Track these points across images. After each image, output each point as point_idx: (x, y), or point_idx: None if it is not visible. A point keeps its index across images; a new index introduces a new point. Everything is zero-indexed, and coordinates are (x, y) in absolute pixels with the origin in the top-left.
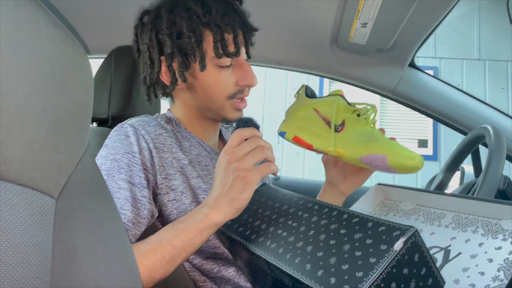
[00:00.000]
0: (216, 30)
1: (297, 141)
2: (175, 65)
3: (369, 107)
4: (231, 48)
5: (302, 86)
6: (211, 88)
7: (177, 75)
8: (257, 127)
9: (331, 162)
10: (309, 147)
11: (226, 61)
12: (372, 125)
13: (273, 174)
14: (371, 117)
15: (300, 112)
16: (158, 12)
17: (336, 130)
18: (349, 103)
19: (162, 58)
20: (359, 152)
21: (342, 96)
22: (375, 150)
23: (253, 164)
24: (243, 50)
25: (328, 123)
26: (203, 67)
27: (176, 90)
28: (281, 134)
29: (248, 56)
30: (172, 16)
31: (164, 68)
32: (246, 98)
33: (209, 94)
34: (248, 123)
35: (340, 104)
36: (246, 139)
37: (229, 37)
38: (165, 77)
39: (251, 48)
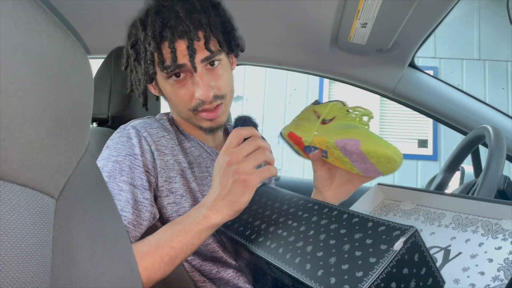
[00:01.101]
0: (152, 45)
1: (290, 136)
2: (141, 77)
3: (363, 110)
4: (168, 62)
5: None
6: (171, 100)
7: (149, 86)
8: (255, 125)
9: (319, 159)
10: (299, 141)
11: (171, 74)
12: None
13: (273, 176)
14: (363, 118)
15: (301, 115)
16: (132, 24)
17: (323, 123)
18: (344, 106)
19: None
20: (335, 137)
21: (342, 102)
22: (350, 135)
23: (253, 167)
24: (196, 60)
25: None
26: (148, 79)
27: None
28: (280, 134)
29: (194, 69)
30: (131, 30)
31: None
32: (221, 108)
33: (174, 105)
34: (247, 121)
35: (336, 104)
36: (245, 139)
37: (167, 50)
38: (151, 87)
39: (253, 48)
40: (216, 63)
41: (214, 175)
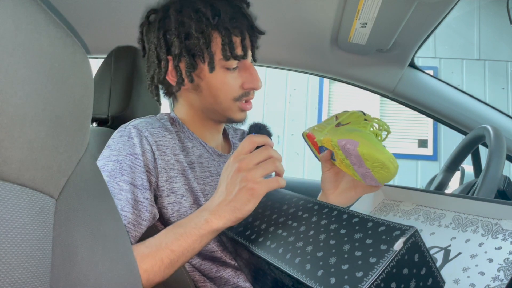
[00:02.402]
0: (225, 32)
1: (308, 136)
2: (182, 66)
3: (380, 122)
4: (239, 51)
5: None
6: (217, 89)
7: (184, 75)
8: (269, 134)
9: (327, 160)
10: (313, 141)
11: (233, 63)
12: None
13: (281, 187)
14: (378, 130)
15: (326, 119)
16: (166, 11)
17: (337, 126)
18: (365, 115)
19: (169, 58)
20: (339, 137)
21: (363, 112)
22: (352, 137)
23: (262, 176)
24: (249, 53)
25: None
26: (212, 68)
27: (181, 90)
28: (302, 134)
29: (254, 59)
30: (180, 17)
31: (170, 68)
32: (251, 100)
33: (215, 96)
34: (262, 129)
35: (356, 112)
36: (257, 146)
37: (236, 40)
38: (171, 77)
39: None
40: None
41: (222, 180)
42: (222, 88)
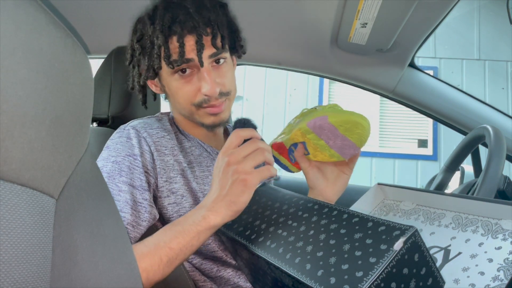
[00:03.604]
0: (160, 39)
1: (274, 148)
2: (143, 72)
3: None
4: (175, 56)
5: None
6: (175, 96)
7: (145, 82)
8: (255, 127)
9: (302, 156)
10: (281, 147)
11: (182, 68)
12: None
13: (272, 177)
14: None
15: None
16: (136, 21)
17: (298, 122)
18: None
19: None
20: (307, 121)
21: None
22: (318, 114)
23: (252, 167)
24: (200, 55)
25: None
26: (148, 77)
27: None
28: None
29: (201, 64)
30: (133, 29)
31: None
32: (224, 104)
33: (177, 102)
34: (246, 124)
35: (306, 108)
36: (244, 140)
37: (174, 45)
38: (149, 83)
39: (253, 48)
40: (221, 61)
41: (214, 176)
42: (178, 94)
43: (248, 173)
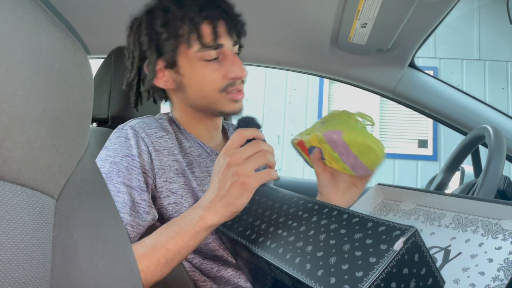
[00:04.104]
0: (191, 23)
1: (298, 144)
2: (161, 65)
3: (363, 114)
4: (208, 40)
5: None
6: (200, 84)
7: (165, 75)
8: (258, 127)
9: (318, 159)
10: (301, 143)
11: (210, 54)
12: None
13: (273, 180)
14: (360, 119)
15: (311, 126)
16: (140, 17)
17: (322, 124)
18: (349, 112)
19: (145, 61)
20: (325, 130)
21: (348, 111)
22: (335, 127)
23: (253, 169)
24: (228, 41)
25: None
26: (189, 60)
27: (170, 92)
28: (291, 143)
29: (240, 46)
30: (150, 17)
31: (155, 70)
32: (244, 90)
33: (200, 90)
34: (250, 123)
35: (340, 111)
36: (247, 140)
37: (207, 29)
38: (157, 80)
39: (253, 48)
40: (239, 50)
41: (213, 176)
42: (204, 81)
43: (248, 176)
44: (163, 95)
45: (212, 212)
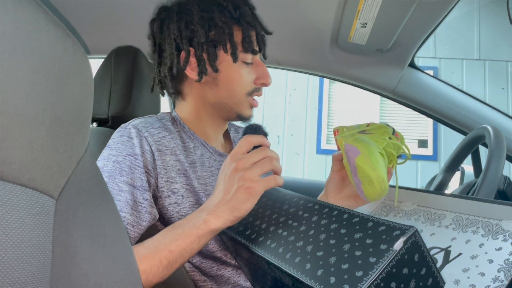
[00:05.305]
0: (246, 26)
1: (335, 132)
2: (205, 56)
3: (402, 144)
4: (255, 46)
5: None
6: (234, 82)
7: (207, 65)
8: (265, 135)
9: (339, 161)
10: (335, 135)
11: (249, 57)
12: (385, 158)
13: (278, 186)
14: (392, 150)
15: (359, 124)
16: (184, 6)
17: (361, 132)
18: (393, 134)
19: (191, 49)
20: (349, 142)
21: (394, 128)
22: (358, 146)
23: (259, 175)
24: (258, 50)
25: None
26: (235, 58)
27: (193, 86)
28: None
29: (264, 57)
30: (203, 9)
31: (191, 59)
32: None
33: (231, 89)
34: (258, 130)
35: (386, 127)
36: (254, 146)
37: (253, 35)
38: (189, 70)
39: None
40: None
41: (219, 179)
42: (238, 81)
43: (254, 181)
44: (179, 87)
45: (217, 216)
